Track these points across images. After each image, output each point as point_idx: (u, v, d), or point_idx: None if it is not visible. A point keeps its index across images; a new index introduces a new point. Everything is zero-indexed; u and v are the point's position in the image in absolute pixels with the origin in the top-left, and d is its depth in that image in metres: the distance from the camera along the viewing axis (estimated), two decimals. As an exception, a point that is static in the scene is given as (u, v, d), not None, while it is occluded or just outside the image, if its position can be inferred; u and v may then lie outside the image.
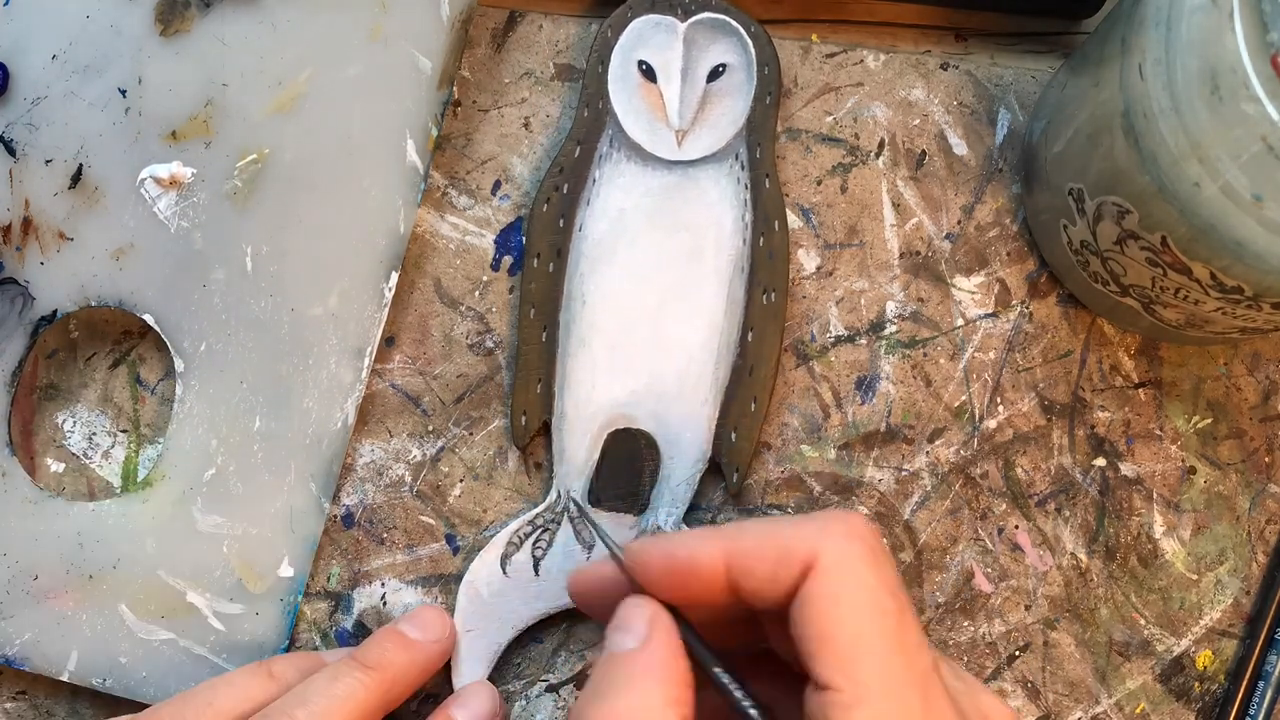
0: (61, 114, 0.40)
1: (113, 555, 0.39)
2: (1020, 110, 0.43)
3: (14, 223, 0.40)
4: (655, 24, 0.41)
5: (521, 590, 0.40)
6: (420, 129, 0.41)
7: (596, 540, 0.40)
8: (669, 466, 0.40)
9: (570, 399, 0.40)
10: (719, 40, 0.41)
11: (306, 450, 0.40)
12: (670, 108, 0.41)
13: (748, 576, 0.30)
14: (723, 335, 0.41)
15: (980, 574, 0.41)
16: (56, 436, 0.42)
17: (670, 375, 0.40)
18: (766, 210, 0.41)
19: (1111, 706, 0.41)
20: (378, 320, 0.41)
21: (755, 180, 0.41)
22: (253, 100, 0.41)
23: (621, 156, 0.41)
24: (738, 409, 0.40)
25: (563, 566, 0.40)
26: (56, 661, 0.39)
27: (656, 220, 0.41)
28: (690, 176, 0.41)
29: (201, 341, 0.40)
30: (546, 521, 0.40)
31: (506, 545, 0.40)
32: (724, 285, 0.41)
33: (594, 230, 0.41)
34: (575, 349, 0.41)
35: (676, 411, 0.40)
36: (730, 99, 0.41)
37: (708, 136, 0.41)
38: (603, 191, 0.41)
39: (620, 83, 0.41)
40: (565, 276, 0.41)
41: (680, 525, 0.40)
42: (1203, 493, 0.41)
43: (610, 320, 0.41)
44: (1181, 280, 0.35)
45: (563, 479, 0.40)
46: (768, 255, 0.41)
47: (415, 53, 0.41)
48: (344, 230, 0.40)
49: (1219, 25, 0.30)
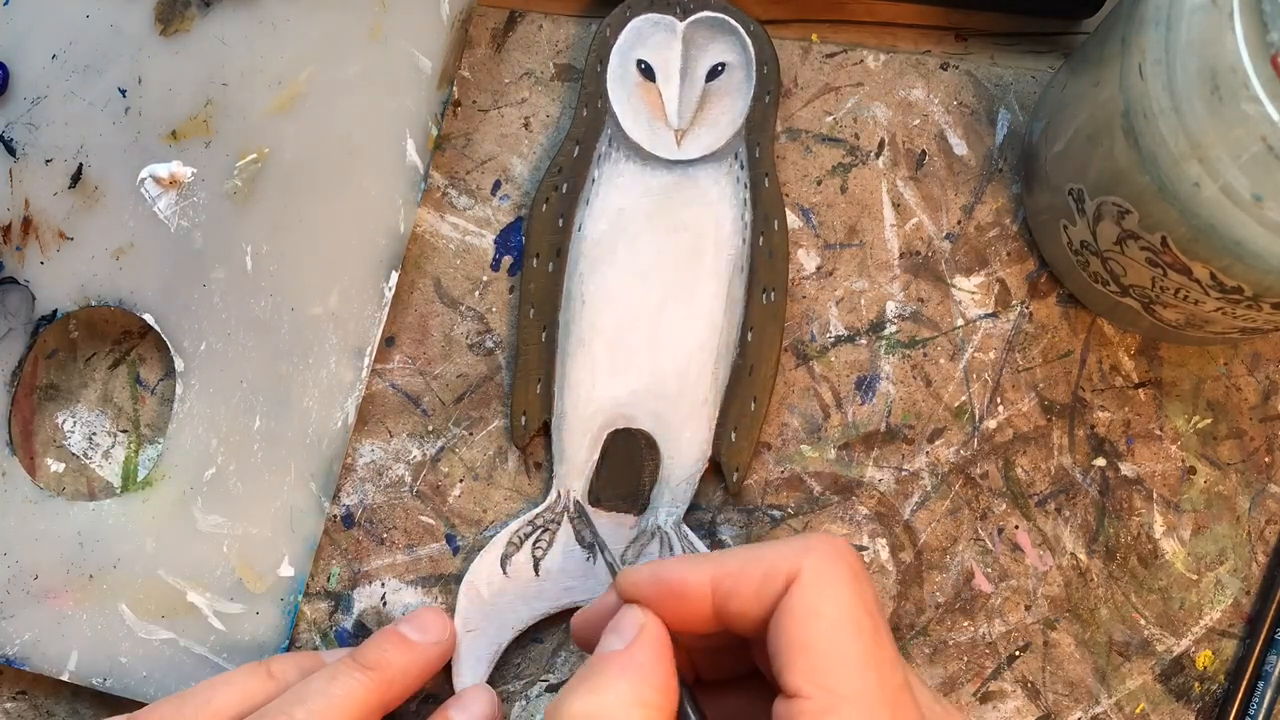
0: (61, 113, 0.40)
1: (113, 555, 0.39)
2: (1020, 110, 0.43)
3: (14, 222, 0.40)
4: (654, 23, 0.41)
5: (522, 590, 0.40)
6: (420, 128, 0.41)
7: (595, 543, 0.40)
8: (669, 466, 0.40)
9: (570, 399, 0.40)
10: (718, 39, 0.41)
11: (307, 450, 0.40)
12: (669, 107, 0.41)
13: (734, 596, 0.31)
14: (722, 335, 0.40)
15: (980, 574, 0.41)
16: (56, 436, 0.42)
17: (670, 375, 0.40)
18: (766, 209, 0.41)
19: (1111, 707, 0.41)
20: (378, 320, 0.41)
21: (755, 179, 0.41)
22: (252, 100, 0.41)
23: (621, 156, 0.41)
24: (738, 408, 0.40)
25: (563, 566, 0.40)
26: (57, 661, 0.39)
27: (656, 220, 0.41)
28: (689, 176, 0.41)
29: (201, 341, 0.40)
30: (546, 521, 0.40)
31: (506, 545, 0.40)
32: (723, 285, 0.41)
33: (593, 230, 0.41)
34: (575, 349, 0.41)
35: (676, 411, 0.40)
36: (729, 98, 0.41)
37: (707, 136, 0.41)
38: (602, 191, 0.41)
39: (619, 82, 0.41)
40: (565, 276, 0.41)
41: (680, 525, 0.40)
42: (1203, 493, 0.41)
43: (610, 320, 0.41)
44: (1181, 280, 0.35)
45: (562, 479, 0.40)
46: (767, 254, 0.41)
47: (415, 52, 0.41)
48: (344, 230, 0.40)
49: (1219, 25, 0.30)
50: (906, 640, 0.40)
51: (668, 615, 0.32)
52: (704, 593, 0.31)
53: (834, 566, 0.30)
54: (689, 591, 0.31)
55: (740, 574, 0.31)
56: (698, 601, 0.31)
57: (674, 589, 0.31)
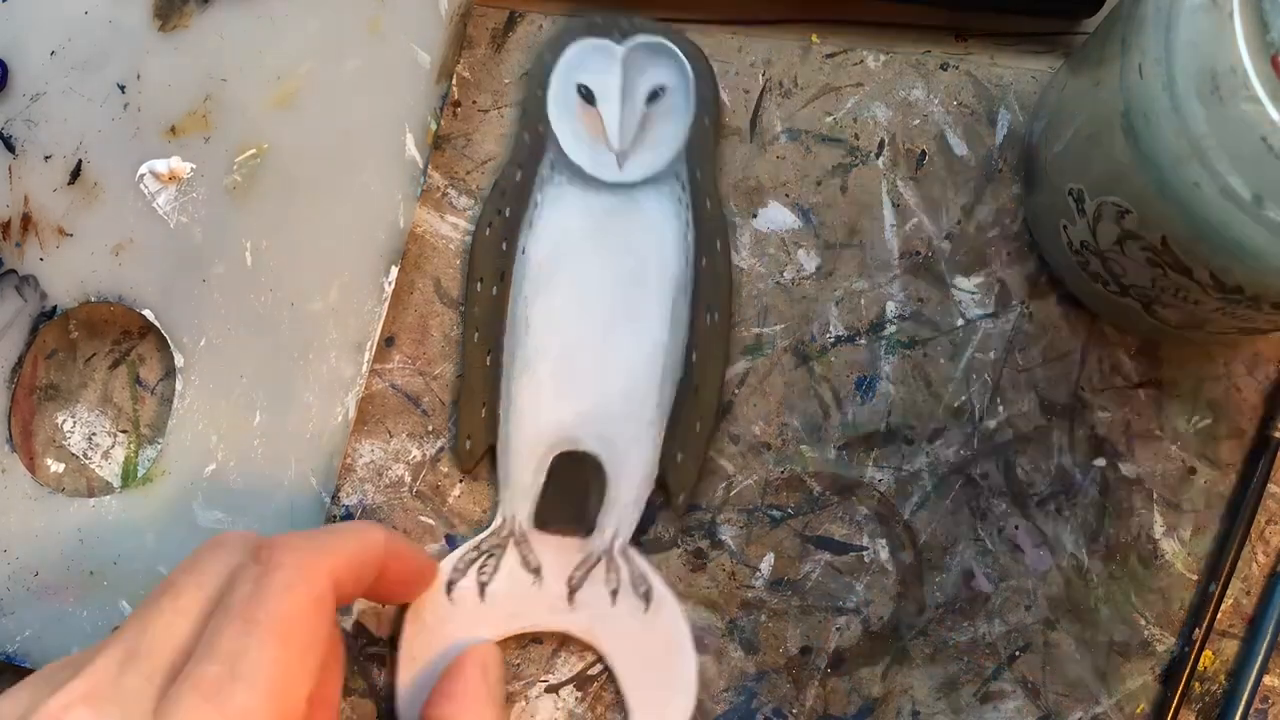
0: (60, 110, 0.40)
1: (113, 551, 0.39)
2: (1020, 110, 0.43)
3: (13, 219, 0.40)
4: (594, 47, 0.42)
5: (468, 617, 0.40)
6: (419, 123, 0.41)
7: (543, 564, 0.40)
8: (616, 488, 0.40)
9: (515, 422, 0.40)
10: (657, 63, 0.41)
11: (307, 445, 0.40)
12: (610, 130, 0.41)
13: None
14: (667, 356, 0.40)
15: (980, 574, 0.41)
16: (56, 437, 0.42)
17: (616, 397, 0.40)
18: (708, 231, 0.41)
19: (1111, 707, 0.41)
20: (378, 315, 0.41)
21: (696, 201, 0.41)
22: (251, 95, 0.41)
23: (563, 179, 0.41)
24: (683, 429, 0.40)
25: (509, 591, 0.40)
26: (58, 658, 0.39)
27: (599, 242, 0.41)
28: (632, 198, 0.41)
29: (201, 336, 0.40)
30: (492, 547, 0.40)
31: (452, 572, 0.40)
32: (667, 306, 0.41)
33: (537, 253, 0.41)
34: (520, 372, 0.40)
35: (623, 433, 0.40)
36: (669, 121, 0.41)
37: (648, 158, 0.41)
38: (545, 214, 0.41)
39: (560, 106, 0.41)
40: (509, 300, 0.41)
41: (628, 547, 0.40)
42: (1202, 493, 0.41)
43: (555, 343, 0.40)
44: (1181, 280, 0.35)
45: (508, 503, 0.40)
46: (711, 276, 0.41)
47: (414, 46, 0.41)
48: (343, 224, 0.40)
49: (1219, 25, 0.30)
50: (907, 640, 0.41)
51: None
52: None
53: None
54: None
55: None
56: None
57: None
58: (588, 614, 0.40)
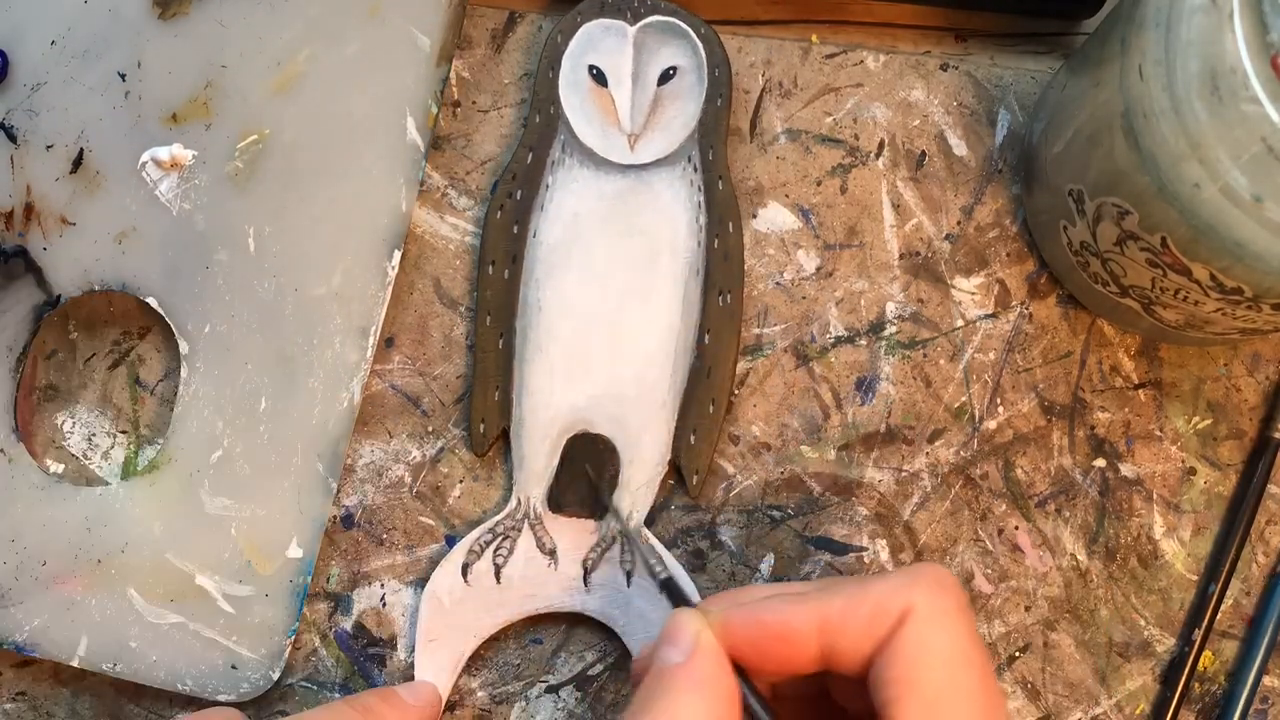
0: (61, 99, 0.40)
1: (121, 539, 0.39)
2: (1020, 111, 0.43)
3: (16, 208, 0.40)
4: (605, 28, 0.41)
5: (484, 599, 0.40)
6: (420, 106, 0.41)
7: (558, 546, 0.40)
8: (629, 470, 0.40)
9: (528, 405, 0.40)
10: (669, 43, 0.41)
11: (313, 430, 0.40)
12: (622, 111, 0.41)
13: (842, 636, 0.30)
14: (679, 338, 0.40)
15: (980, 575, 0.41)
16: (56, 437, 0.42)
17: (628, 379, 0.40)
18: (720, 212, 0.41)
19: (1111, 707, 0.41)
20: (381, 299, 0.41)
21: (708, 182, 0.41)
22: (252, 81, 0.41)
23: (574, 162, 0.41)
24: (696, 411, 0.40)
25: (524, 574, 0.40)
26: (66, 647, 0.39)
27: (611, 224, 0.41)
28: (644, 180, 0.41)
29: (205, 324, 0.40)
30: (507, 529, 0.40)
31: (467, 554, 0.40)
32: (679, 288, 0.41)
33: (549, 236, 0.41)
34: (532, 355, 0.41)
35: (635, 415, 0.40)
36: (681, 101, 0.41)
37: (660, 139, 0.41)
38: (556, 197, 0.41)
39: (571, 88, 0.41)
40: (521, 283, 0.41)
41: (641, 529, 0.40)
42: (1203, 493, 0.41)
43: (567, 325, 0.41)
44: (1181, 281, 0.35)
45: (522, 485, 0.40)
46: (723, 257, 0.41)
47: (413, 30, 0.41)
48: (346, 209, 0.40)
49: (1219, 25, 0.30)
50: (906, 641, 0.40)
51: (769, 659, 0.31)
52: (809, 634, 0.30)
53: (945, 599, 0.30)
54: (794, 635, 0.30)
55: (847, 612, 0.30)
56: (803, 644, 0.30)
57: (777, 632, 0.30)
58: (603, 595, 0.40)
